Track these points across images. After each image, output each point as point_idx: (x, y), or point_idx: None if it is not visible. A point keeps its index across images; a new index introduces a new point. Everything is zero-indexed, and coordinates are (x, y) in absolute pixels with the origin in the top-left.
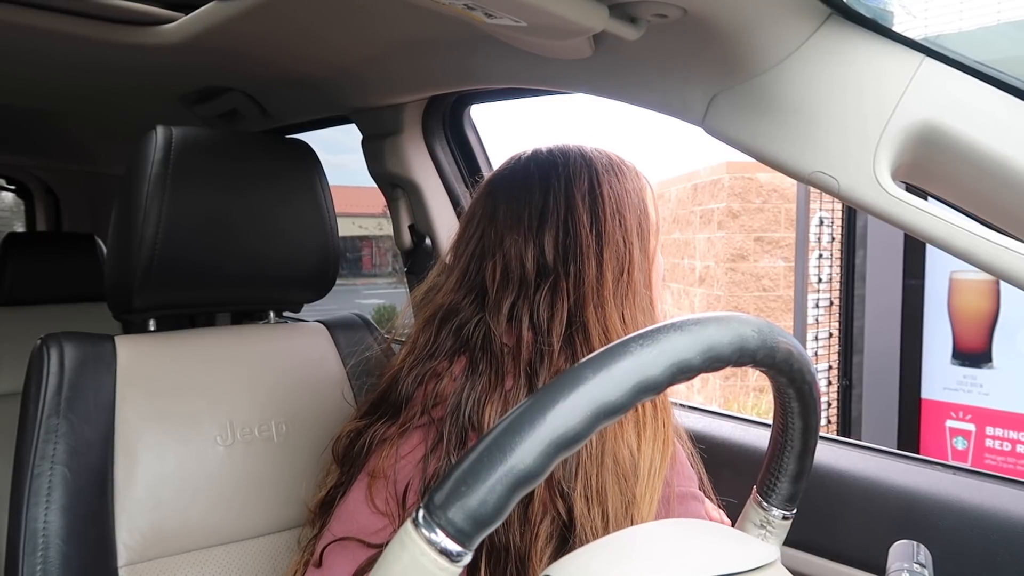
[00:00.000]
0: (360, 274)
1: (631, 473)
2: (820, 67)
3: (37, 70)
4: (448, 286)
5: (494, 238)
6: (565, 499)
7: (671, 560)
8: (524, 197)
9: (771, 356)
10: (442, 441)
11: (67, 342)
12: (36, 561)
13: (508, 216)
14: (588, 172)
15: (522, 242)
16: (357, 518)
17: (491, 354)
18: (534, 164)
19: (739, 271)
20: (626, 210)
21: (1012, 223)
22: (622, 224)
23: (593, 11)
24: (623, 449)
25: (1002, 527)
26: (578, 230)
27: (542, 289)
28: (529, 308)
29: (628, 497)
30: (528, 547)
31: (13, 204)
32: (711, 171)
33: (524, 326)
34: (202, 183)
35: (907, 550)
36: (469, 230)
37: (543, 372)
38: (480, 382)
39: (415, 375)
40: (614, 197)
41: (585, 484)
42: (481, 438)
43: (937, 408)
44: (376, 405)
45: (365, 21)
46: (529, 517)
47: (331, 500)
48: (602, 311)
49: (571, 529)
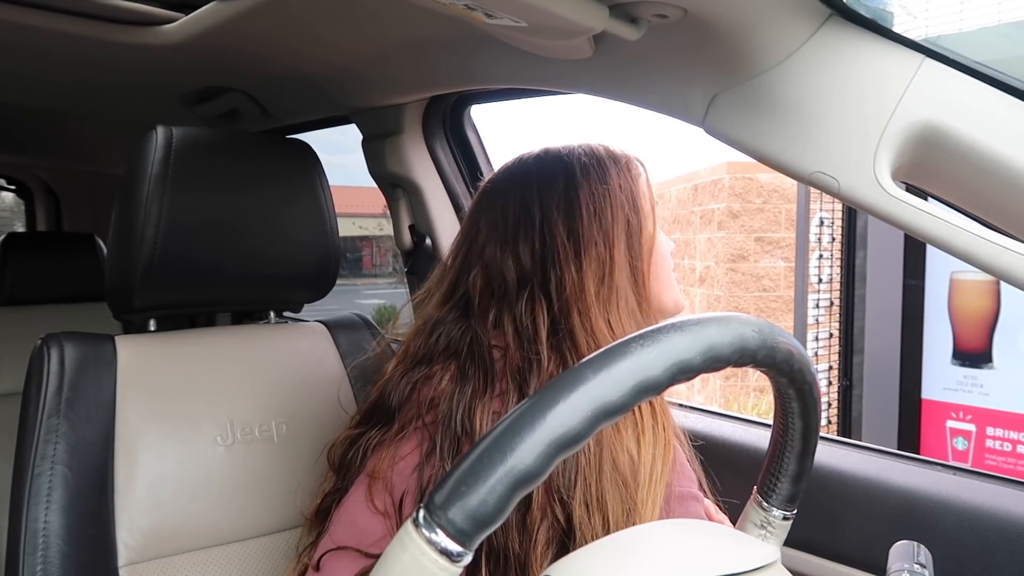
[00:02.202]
0: (360, 274)
1: (631, 479)
2: (820, 67)
3: (38, 70)
4: (438, 296)
5: (476, 249)
6: (564, 506)
7: (671, 560)
8: (500, 208)
9: (771, 356)
10: (435, 449)
11: (67, 342)
12: (36, 561)
13: (487, 227)
14: (564, 177)
15: (499, 253)
16: (357, 521)
17: (479, 359)
18: (513, 173)
19: (739, 271)
20: (607, 210)
21: (1012, 223)
22: (602, 225)
23: (593, 11)
24: (622, 455)
25: (1002, 527)
26: (554, 237)
27: (523, 298)
28: (512, 317)
29: (629, 504)
30: (527, 553)
31: (13, 204)
32: (711, 171)
33: (509, 335)
34: (202, 183)
35: (907, 550)
36: (458, 240)
37: (533, 380)
38: (469, 387)
39: (407, 380)
40: (593, 199)
41: (585, 491)
42: (481, 438)
43: (937, 408)
44: (370, 414)
45: (365, 21)
46: (527, 524)
47: (327, 508)
48: (587, 318)
49: (571, 536)
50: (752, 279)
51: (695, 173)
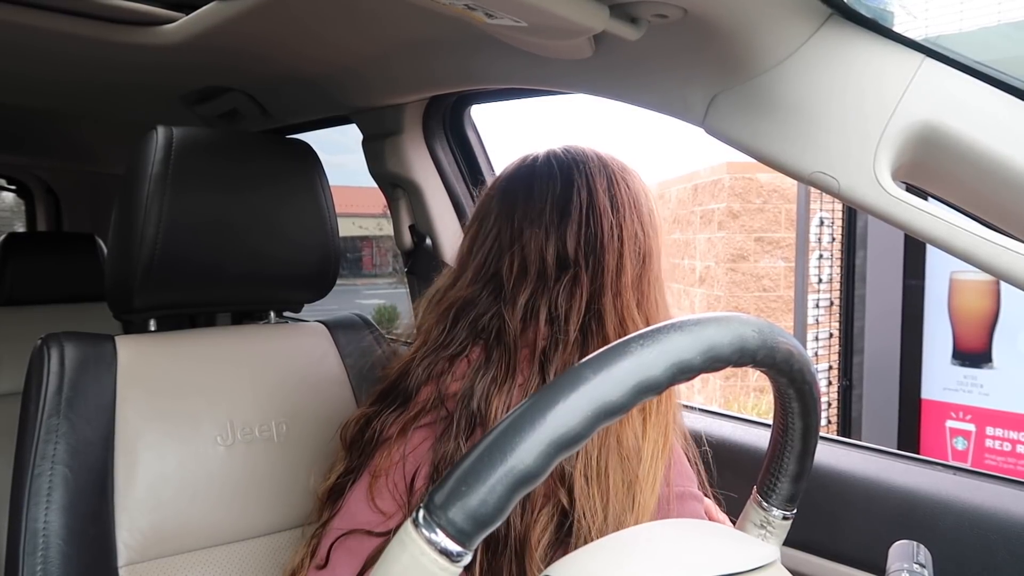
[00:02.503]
0: (360, 274)
1: (634, 454)
2: (820, 67)
3: (38, 70)
4: (464, 281)
5: (512, 233)
6: (565, 480)
7: (671, 560)
8: (545, 192)
9: (771, 356)
10: (452, 425)
11: (67, 342)
12: (36, 561)
13: (528, 211)
14: (606, 171)
15: (543, 236)
16: (357, 517)
17: (504, 346)
18: (554, 162)
19: (739, 271)
20: (642, 203)
21: (1012, 223)
22: (639, 217)
23: (593, 11)
24: (627, 431)
25: (1002, 527)
26: (600, 222)
27: (562, 281)
28: (548, 300)
29: (631, 477)
30: (527, 531)
31: (13, 204)
32: (711, 171)
33: (541, 319)
34: (203, 183)
35: (907, 550)
36: (485, 227)
37: (556, 360)
38: (491, 373)
39: (426, 366)
40: (631, 195)
41: (586, 464)
42: (482, 438)
43: (937, 408)
44: (385, 393)
45: (366, 21)
46: (528, 505)
47: (340, 489)
48: (620, 299)
49: (572, 510)
50: (752, 279)
51: (695, 173)
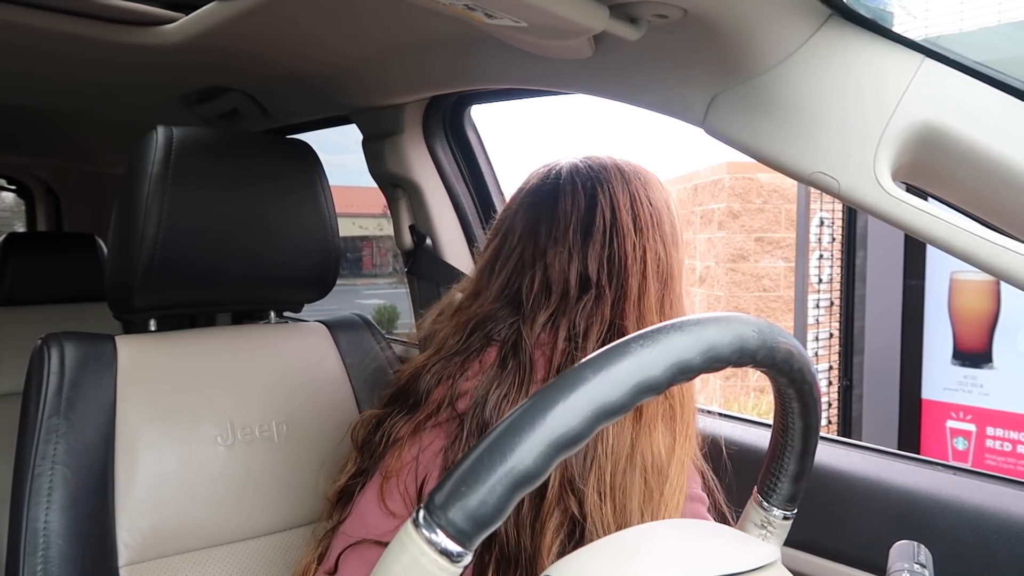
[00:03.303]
0: (360, 274)
1: (657, 471)
2: (820, 68)
3: (38, 70)
4: (486, 299)
5: (535, 252)
6: (577, 493)
7: (671, 560)
8: (570, 212)
9: (771, 356)
10: (463, 433)
11: (68, 342)
12: (37, 561)
13: (552, 230)
14: (628, 186)
15: (566, 256)
16: (367, 519)
17: (519, 357)
18: (577, 179)
19: (739, 271)
20: (664, 221)
21: (1012, 223)
22: (661, 236)
23: (593, 11)
24: (650, 447)
25: (1002, 527)
26: (623, 243)
27: (583, 301)
28: (568, 319)
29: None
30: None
31: (13, 204)
32: (711, 171)
33: (560, 335)
34: (203, 183)
35: (907, 550)
36: (509, 243)
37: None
38: (506, 383)
39: (438, 370)
40: (652, 210)
41: (599, 479)
42: (481, 439)
43: (937, 408)
44: (396, 397)
45: (366, 21)
46: (541, 514)
47: (350, 490)
48: (643, 321)
49: (583, 520)
50: (752, 279)
51: (695, 173)
